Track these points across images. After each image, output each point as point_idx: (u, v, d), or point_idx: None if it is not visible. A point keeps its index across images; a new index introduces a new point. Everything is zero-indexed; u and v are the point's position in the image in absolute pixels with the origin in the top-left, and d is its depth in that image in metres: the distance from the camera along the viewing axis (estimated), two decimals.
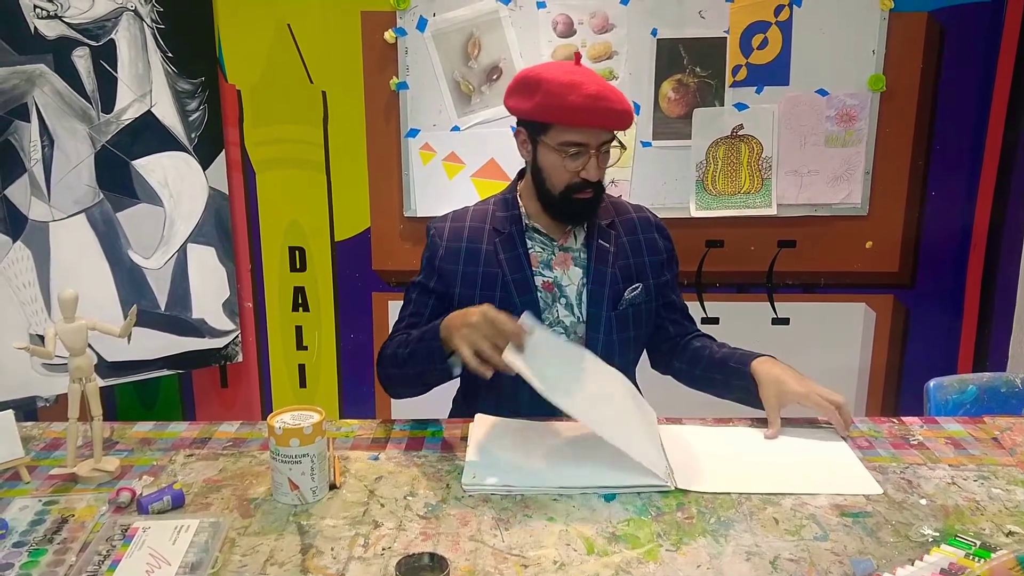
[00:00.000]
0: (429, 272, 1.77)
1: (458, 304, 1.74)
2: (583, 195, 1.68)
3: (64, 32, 2.30)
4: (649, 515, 1.33)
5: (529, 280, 1.72)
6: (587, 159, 1.64)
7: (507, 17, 2.55)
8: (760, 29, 2.55)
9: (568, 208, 1.70)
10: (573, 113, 1.60)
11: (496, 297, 1.71)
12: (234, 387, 2.89)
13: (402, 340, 1.69)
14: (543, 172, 1.69)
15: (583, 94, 1.59)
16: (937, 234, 2.71)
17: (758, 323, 2.80)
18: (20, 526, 1.30)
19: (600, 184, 1.69)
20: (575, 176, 1.66)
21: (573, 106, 1.59)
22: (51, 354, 1.41)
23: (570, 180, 1.66)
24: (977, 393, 1.99)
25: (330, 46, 2.61)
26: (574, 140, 1.63)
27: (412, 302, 1.79)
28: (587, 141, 1.63)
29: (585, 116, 1.60)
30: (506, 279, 1.71)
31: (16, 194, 2.29)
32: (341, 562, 1.20)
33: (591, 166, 1.64)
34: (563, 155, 1.65)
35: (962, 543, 1.22)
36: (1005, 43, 2.56)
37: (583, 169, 1.65)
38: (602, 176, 1.68)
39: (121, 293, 2.48)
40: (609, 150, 1.67)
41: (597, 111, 1.60)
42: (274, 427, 1.35)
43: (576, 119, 1.61)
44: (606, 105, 1.60)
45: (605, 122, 1.62)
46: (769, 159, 2.63)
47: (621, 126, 1.65)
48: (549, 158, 1.67)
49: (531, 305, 1.71)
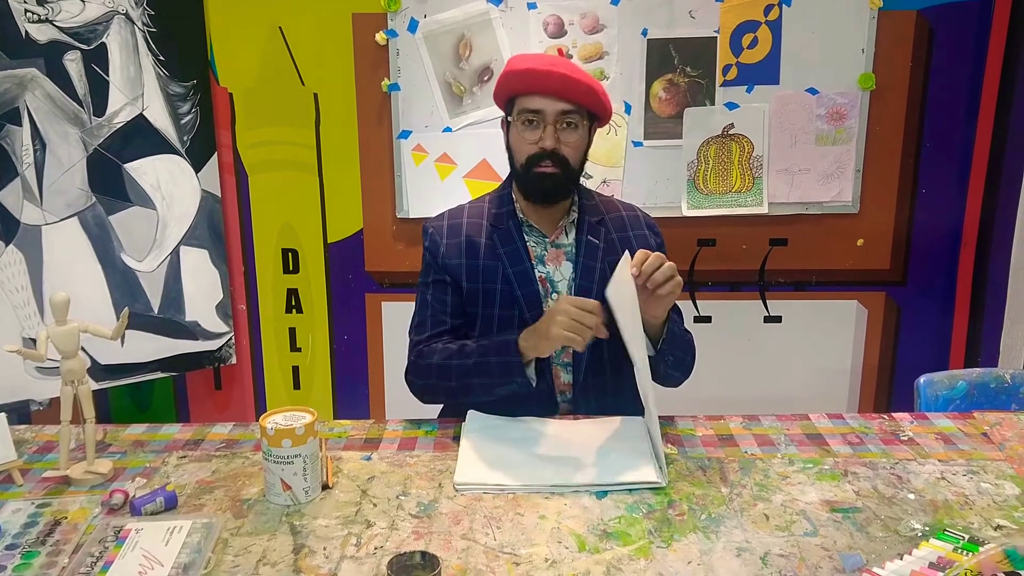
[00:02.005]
0: (436, 269, 1.77)
1: (465, 297, 1.75)
2: (544, 168, 1.67)
3: (55, 36, 2.30)
4: (640, 512, 1.33)
5: (529, 272, 1.72)
6: (544, 128, 1.66)
7: (498, 18, 2.55)
8: (750, 28, 2.56)
9: (532, 184, 1.71)
10: (523, 78, 1.65)
11: (498, 290, 1.72)
12: (228, 389, 2.89)
13: (452, 351, 1.68)
14: (511, 150, 1.74)
15: (537, 61, 1.67)
16: (928, 231, 2.72)
17: (750, 321, 2.81)
18: (13, 529, 1.30)
19: (565, 161, 1.68)
20: (533, 147, 1.67)
21: (522, 70, 1.65)
22: (43, 357, 1.41)
23: (529, 152, 1.68)
24: (967, 389, 1.99)
25: (322, 48, 2.62)
26: (529, 107, 1.66)
27: (428, 303, 1.78)
28: (542, 108, 1.65)
29: (536, 80, 1.64)
30: (507, 272, 1.72)
31: (8, 198, 2.29)
32: (333, 561, 1.21)
33: (547, 134, 1.66)
34: (523, 125, 1.67)
35: (951, 537, 1.23)
36: (993, 41, 2.57)
37: (540, 139, 1.66)
38: (562, 150, 1.67)
39: (114, 296, 2.48)
40: (573, 124, 1.67)
41: (548, 75, 1.63)
42: (266, 428, 1.35)
43: (528, 84, 1.65)
44: (558, 71, 1.62)
45: (556, 87, 1.64)
46: (760, 158, 2.64)
47: (575, 95, 1.65)
48: (513, 133, 1.71)
49: (533, 297, 1.71)
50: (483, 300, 1.74)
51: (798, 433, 1.62)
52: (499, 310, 1.73)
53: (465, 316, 1.77)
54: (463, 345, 1.69)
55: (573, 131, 1.68)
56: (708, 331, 2.79)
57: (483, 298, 1.74)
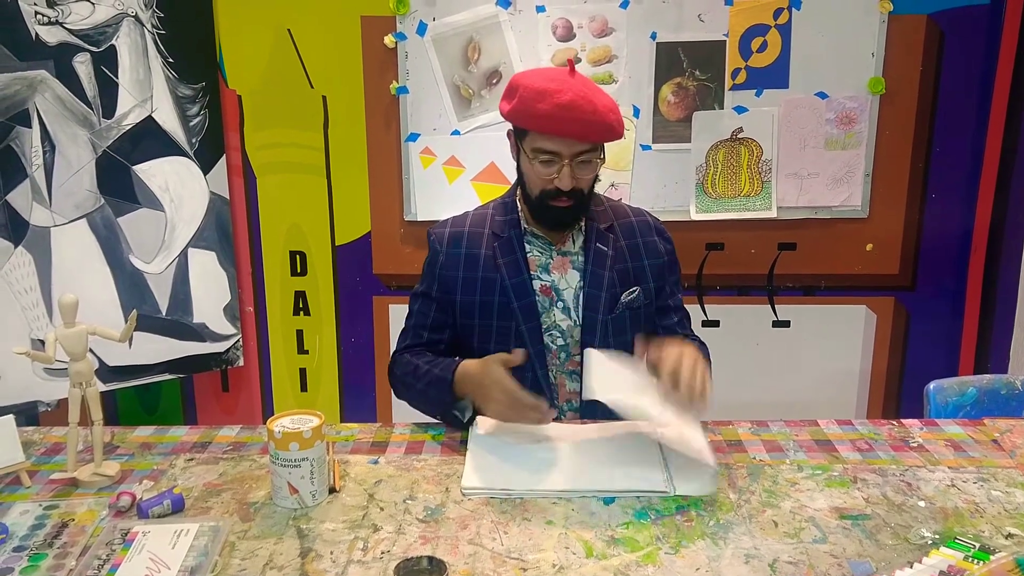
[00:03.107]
0: (430, 280, 1.78)
1: (460, 310, 1.74)
2: (559, 203, 1.66)
3: (65, 38, 2.31)
4: (648, 518, 1.33)
5: (527, 284, 1.72)
6: (560, 167, 1.62)
7: (507, 21, 2.55)
8: (759, 32, 2.55)
9: (546, 214, 1.70)
10: (541, 121, 1.59)
11: (495, 302, 1.71)
12: (235, 391, 2.90)
13: (411, 369, 1.70)
14: (524, 176, 1.71)
15: (553, 103, 1.56)
16: (937, 236, 2.71)
17: (759, 326, 2.80)
18: (20, 530, 1.30)
19: (580, 193, 1.66)
20: (548, 183, 1.65)
21: (541, 114, 1.58)
22: (51, 359, 1.41)
23: (544, 187, 1.65)
24: (977, 395, 1.98)
25: (330, 51, 2.62)
26: (545, 148, 1.62)
27: (415, 312, 1.80)
28: (558, 150, 1.61)
29: (553, 125, 1.59)
30: (504, 283, 1.72)
31: (17, 200, 2.30)
32: (340, 566, 1.20)
33: (564, 175, 1.62)
34: (536, 162, 1.64)
35: (961, 545, 1.22)
36: (1004, 45, 2.56)
37: (556, 177, 1.63)
38: (577, 185, 1.64)
39: (122, 298, 2.48)
40: (588, 160, 1.64)
41: (566, 121, 1.57)
42: (273, 431, 1.35)
43: (544, 127, 1.60)
44: (577, 116, 1.57)
45: (574, 132, 1.59)
46: (769, 162, 2.63)
47: (594, 137, 1.62)
48: (527, 163, 1.67)
49: (530, 309, 1.71)
50: (480, 311, 1.74)
51: (807, 439, 1.61)
52: (497, 321, 1.73)
53: (447, 331, 1.78)
54: (417, 367, 1.69)
55: (588, 167, 1.65)
56: (716, 335, 2.78)
57: (480, 310, 1.74)
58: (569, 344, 1.74)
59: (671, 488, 1.41)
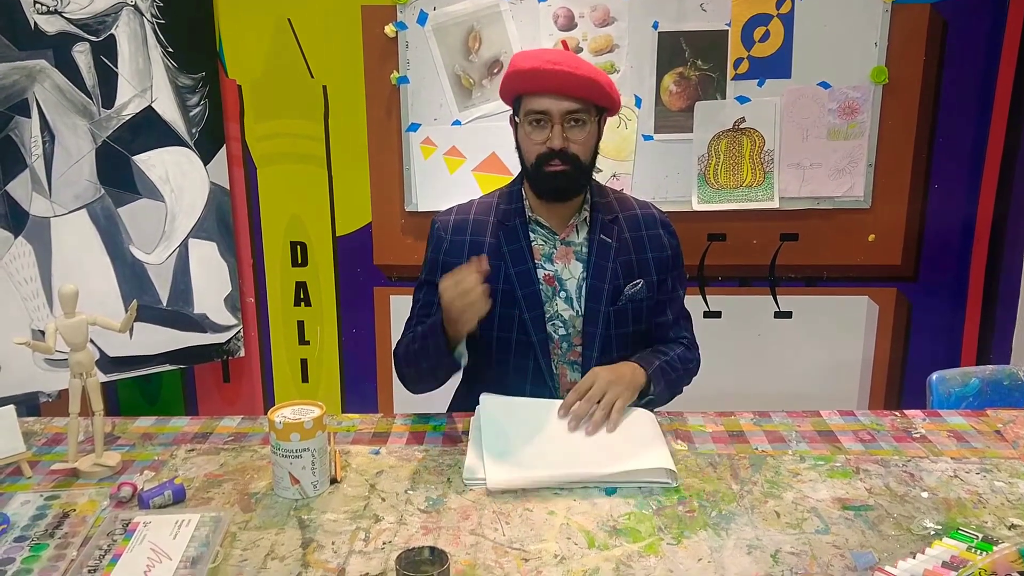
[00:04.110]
0: (433, 267, 1.77)
1: None
2: (553, 167, 1.66)
3: (64, 27, 2.30)
4: (650, 508, 1.33)
5: (531, 273, 1.72)
6: (551, 128, 1.64)
7: (508, 11, 2.54)
8: (762, 22, 2.54)
9: (543, 183, 1.70)
10: (527, 77, 1.63)
11: (499, 290, 1.71)
12: (236, 382, 2.89)
13: (409, 339, 1.73)
14: (521, 149, 1.72)
15: (540, 59, 1.63)
16: (940, 227, 2.70)
17: (760, 317, 2.79)
18: (22, 521, 1.30)
19: (576, 159, 1.66)
20: (542, 147, 1.65)
21: (527, 70, 1.62)
22: (51, 349, 1.41)
23: (539, 151, 1.66)
24: (980, 386, 1.98)
25: (331, 41, 2.61)
26: (534, 108, 1.64)
27: (419, 301, 1.81)
28: (548, 108, 1.63)
29: (538, 79, 1.62)
30: (508, 272, 1.71)
31: (17, 190, 2.29)
32: (342, 556, 1.20)
33: (555, 134, 1.64)
34: (530, 126, 1.66)
35: (964, 536, 1.22)
36: (1008, 35, 2.55)
37: (548, 139, 1.64)
38: (570, 148, 1.65)
39: (122, 288, 2.48)
40: (579, 120, 1.65)
41: (552, 74, 1.60)
42: (274, 422, 1.35)
43: (530, 83, 1.63)
44: (562, 69, 1.60)
45: (561, 85, 1.61)
46: (771, 152, 2.62)
47: (580, 92, 1.63)
48: (521, 133, 1.70)
49: (534, 297, 1.71)
50: None
51: (809, 430, 1.61)
52: (500, 309, 1.72)
53: None
54: (413, 334, 1.73)
55: (581, 128, 1.66)
56: (718, 326, 2.78)
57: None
58: (571, 334, 1.74)
59: (675, 481, 1.40)
